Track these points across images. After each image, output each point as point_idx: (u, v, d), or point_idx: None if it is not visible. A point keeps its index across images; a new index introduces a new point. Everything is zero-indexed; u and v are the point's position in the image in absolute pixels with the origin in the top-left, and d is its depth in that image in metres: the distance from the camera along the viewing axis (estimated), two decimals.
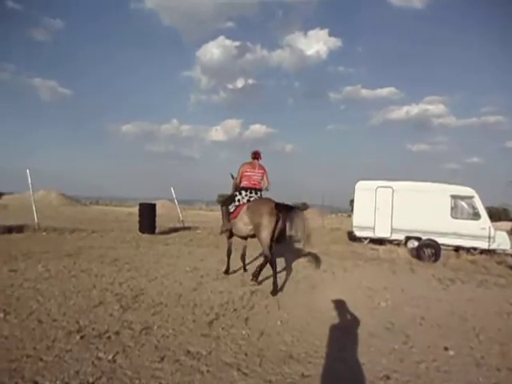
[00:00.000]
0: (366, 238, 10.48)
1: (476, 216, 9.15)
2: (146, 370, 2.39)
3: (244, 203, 4.93)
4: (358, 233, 10.49)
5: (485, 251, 9.03)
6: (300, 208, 4.59)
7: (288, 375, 2.46)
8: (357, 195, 10.56)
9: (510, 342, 3.27)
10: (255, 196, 5.01)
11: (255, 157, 5.23)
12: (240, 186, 5.15)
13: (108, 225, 12.52)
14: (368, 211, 10.13)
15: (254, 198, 4.96)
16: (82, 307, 3.51)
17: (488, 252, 9.00)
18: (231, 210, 5.08)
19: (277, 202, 4.60)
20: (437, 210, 9.38)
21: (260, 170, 5.19)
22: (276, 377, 2.43)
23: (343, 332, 3.35)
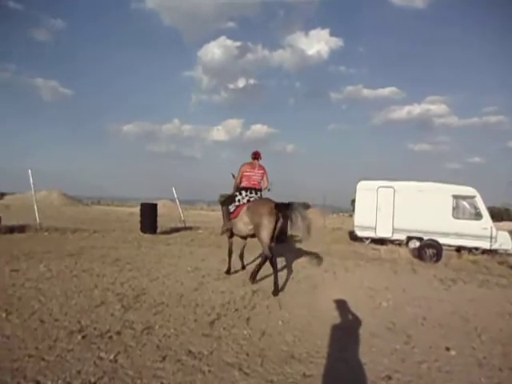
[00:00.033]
0: (367, 238, 10.47)
1: (478, 216, 9.13)
2: (147, 369, 2.39)
3: (244, 203, 4.93)
4: (360, 233, 10.48)
5: (486, 251, 9.01)
6: (300, 205, 4.53)
7: (289, 375, 2.46)
8: (358, 195, 10.56)
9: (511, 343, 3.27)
10: (255, 196, 5.01)
11: (255, 157, 5.23)
12: (240, 186, 5.16)
13: (109, 225, 12.55)
14: (369, 211, 10.13)
15: (253, 198, 4.96)
16: (83, 307, 3.52)
17: (490, 252, 8.98)
18: (231, 210, 5.09)
19: (276, 202, 4.59)
20: (438, 210, 9.37)
21: (260, 170, 5.19)
22: (277, 377, 2.43)
23: (345, 332, 3.35)
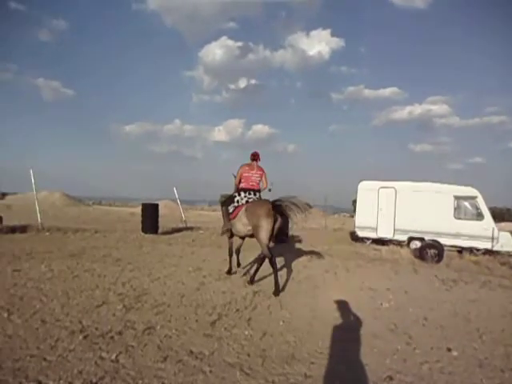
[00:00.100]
0: (368, 239, 10.46)
1: (479, 216, 9.10)
2: (148, 369, 2.40)
3: (242, 204, 4.95)
4: (361, 233, 10.47)
5: (488, 252, 8.98)
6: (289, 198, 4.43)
7: (291, 375, 2.46)
8: (359, 195, 10.55)
9: None
10: (254, 197, 5.02)
11: (254, 158, 5.25)
12: (239, 187, 5.17)
13: (111, 225, 12.57)
14: (371, 211, 10.12)
15: (252, 199, 4.97)
16: (85, 307, 3.53)
17: (491, 253, 8.95)
18: (230, 211, 5.11)
19: (274, 204, 4.52)
20: (440, 210, 9.34)
21: (259, 171, 5.20)
22: (279, 377, 2.43)
23: (346, 332, 3.34)
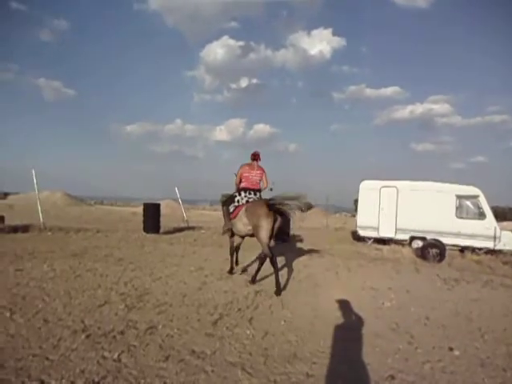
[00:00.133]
0: (370, 238, 10.44)
1: (481, 216, 9.08)
2: (150, 369, 2.40)
3: (243, 204, 4.96)
4: (362, 232, 10.46)
5: (490, 251, 8.96)
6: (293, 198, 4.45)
7: (292, 375, 2.46)
8: (361, 195, 10.53)
9: None
10: (254, 197, 5.04)
11: (254, 158, 5.26)
12: (239, 187, 5.19)
13: (113, 225, 12.59)
14: (372, 211, 10.10)
15: (252, 199, 4.99)
16: (87, 306, 3.54)
17: (493, 252, 8.93)
18: (231, 211, 5.13)
19: (268, 203, 4.52)
20: (442, 209, 9.33)
21: (259, 170, 5.21)
22: (280, 376, 2.43)
23: (348, 332, 3.34)
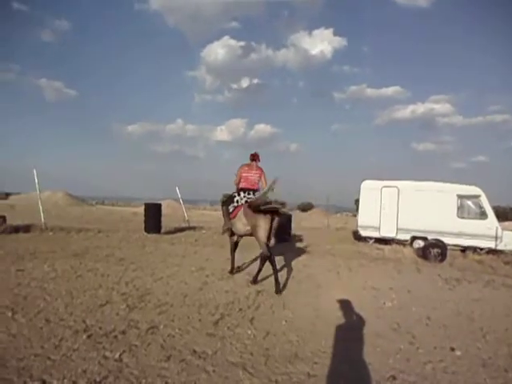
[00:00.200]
0: (371, 238, 10.43)
1: (483, 215, 9.05)
2: (152, 369, 2.41)
3: (242, 204, 5.01)
4: (364, 232, 10.44)
5: (492, 251, 8.95)
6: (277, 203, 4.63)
7: (294, 375, 2.46)
8: (362, 195, 10.51)
9: None
10: (253, 197, 5.05)
11: (253, 158, 5.28)
12: (239, 187, 5.22)
13: (114, 225, 12.60)
14: (373, 211, 10.09)
15: (251, 199, 5.00)
16: (88, 306, 3.54)
17: (495, 252, 8.91)
18: (230, 211, 5.17)
19: (254, 205, 4.66)
20: (443, 209, 9.31)
21: (258, 171, 5.24)
22: (282, 376, 2.43)
23: (349, 332, 3.34)
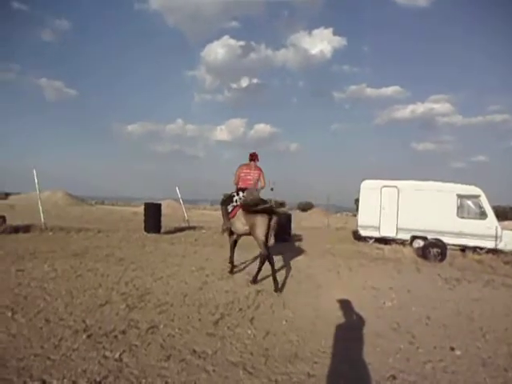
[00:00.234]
0: (371, 238, 10.43)
1: (483, 215, 9.06)
2: (152, 368, 2.41)
3: (241, 203, 5.01)
4: (363, 232, 10.44)
5: (491, 251, 8.95)
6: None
7: (294, 374, 2.46)
8: (362, 194, 10.51)
9: None
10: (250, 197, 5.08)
11: (252, 158, 5.33)
12: (237, 186, 5.25)
13: (114, 224, 12.59)
14: (373, 210, 10.09)
15: (242, 200, 5.05)
16: (88, 306, 3.54)
17: (495, 251, 8.91)
18: (229, 210, 5.19)
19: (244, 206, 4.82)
20: (443, 209, 9.31)
21: (256, 170, 5.27)
22: (282, 376, 2.43)
23: (349, 332, 3.34)
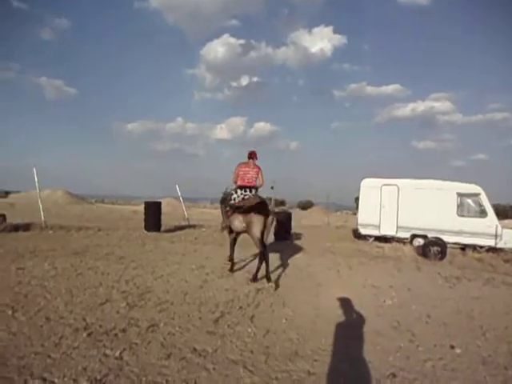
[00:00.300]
0: (371, 236, 10.42)
1: (483, 214, 9.05)
2: (152, 367, 2.41)
3: (239, 201, 5.08)
4: (364, 231, 10.43)
5: (491, 249, 8.95)
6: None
7: (294, 372, 2.47)
8: (362, 193, 10.50)
9: None
10: (250, 194, 5.15)
11: (251, 156, 5.35)
12: (236, 185, 5.28)
13: (114, 223, 12.59)
14: (373, 209, 10.08)
15: (248, 196, 5.12)
16: (88, 305, 3.55)
17: (495, 250, 8.92)
18: (228, 208, 5.20)
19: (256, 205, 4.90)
20: (443, 207, 9.31)
21: (255, 168, 5.30)
22: (282, 374, 2.43)
23: (349, 330, 3.35)
